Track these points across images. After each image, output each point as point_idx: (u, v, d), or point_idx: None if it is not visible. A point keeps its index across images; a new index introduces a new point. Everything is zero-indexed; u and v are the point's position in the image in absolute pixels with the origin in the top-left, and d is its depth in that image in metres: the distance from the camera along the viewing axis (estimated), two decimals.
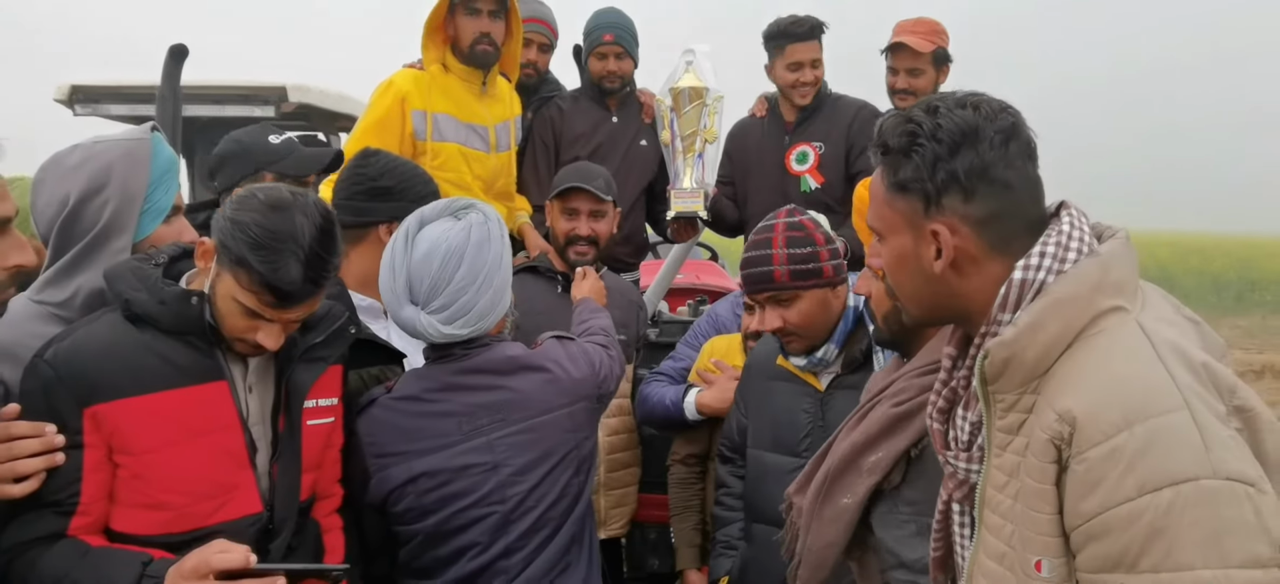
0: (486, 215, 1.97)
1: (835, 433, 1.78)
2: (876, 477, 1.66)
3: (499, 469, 1.95)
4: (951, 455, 1.32)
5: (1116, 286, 1.18)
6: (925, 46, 3.49)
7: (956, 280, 1.25)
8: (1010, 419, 1.20)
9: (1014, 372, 1.18)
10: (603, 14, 3.71)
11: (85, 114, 5.04)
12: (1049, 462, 1.12)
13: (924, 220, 1.24)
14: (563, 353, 2.08)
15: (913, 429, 1.62)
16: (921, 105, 1.26)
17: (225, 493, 1.65)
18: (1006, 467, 1.21)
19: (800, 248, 2.17)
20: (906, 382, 1.66)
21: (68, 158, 1.79)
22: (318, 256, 1.58)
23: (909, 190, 1.25)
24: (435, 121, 3.20)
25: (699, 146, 3.48)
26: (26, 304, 1.73)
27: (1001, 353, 1.17)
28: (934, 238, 1.24)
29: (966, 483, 1.31)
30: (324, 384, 1.81)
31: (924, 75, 3.53)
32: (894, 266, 1.32)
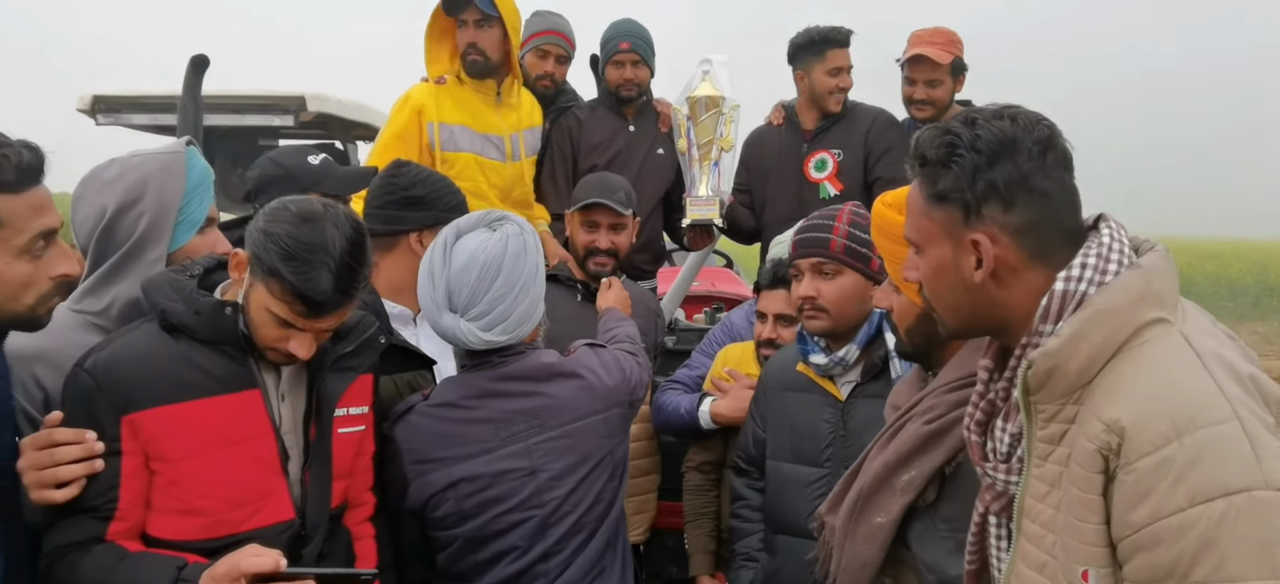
0: (521, 227, 2.02)
1: (866, 450, 1.77)
2: (910, 495, 1.66)
3: (537, 474, 1.98)
4: (990, 467, 1.33)
5: (1158, 298, 1.19)
6: (944, 57, 3.50)
7: (996, 290, 1.26)
8: (1051, 429, 1.21)
9: (1057, 382, 1.18)
10: (619, 24, 3.75)
11: (107, 123, 5.10)
12: (1096, 472, 1.13)
13: (964, 230, 1.25)
14: (596, 360, 2.12)
15: (946, 446, 1.61)
16: (958, 117, 1.27)
17: (259, 500, 1.68)
18: (1047, 477, 1.21)
19: (861, 231, 2.22)
20: (937, 398, 1.66)
21: (106, 171, 1.85)
22: (348, 267, 1.61)
23: (948, 201, 1.26)
24: (451, 132, 3.26)
25: (715, 155, 3.51)
26: (65, 312, 1.78)
27: (1045, 363, 1.18)
28: (974, 248, 1.25)
29: (1005, 495, 1.31)
30: (354, 393, 1.84)
31: (942, 86, 3.54)
32: (933, 278, 1.33)
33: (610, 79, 3.70)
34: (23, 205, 1.47)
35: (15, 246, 1.47)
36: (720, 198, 3.49)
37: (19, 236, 1.47)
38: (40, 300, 1.53)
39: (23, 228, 1.47)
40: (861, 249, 2.21)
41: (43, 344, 1.69)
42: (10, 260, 1.47)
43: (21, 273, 1.48)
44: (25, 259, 1.48)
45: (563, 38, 3.76)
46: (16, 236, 1.46)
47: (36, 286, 1.51)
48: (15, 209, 1.46)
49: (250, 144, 5.77)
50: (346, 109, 5.26)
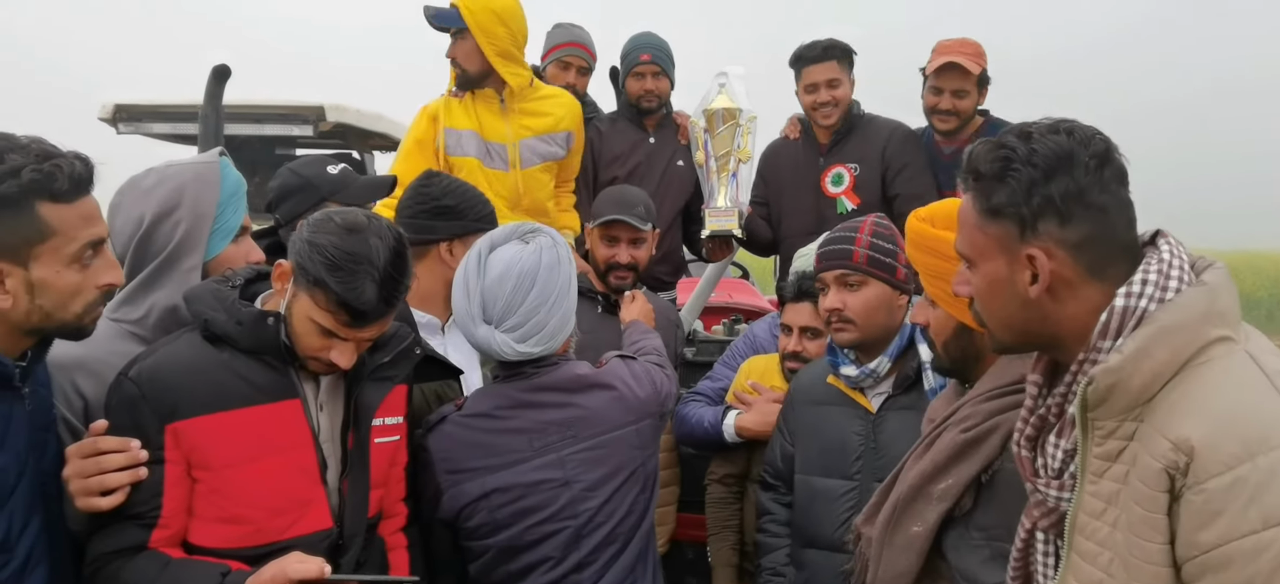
0: (554, 240, 2.03)
1: (902, 461, 1.78)
2: (947, 504, 1.66)
3: (570, 485, 1.99)
4: (1041, 483, 1.32)
5: (1223, 316, 1.18)
6: (975, 68, 3.44)
7: (1051, 305, 1.26)
8: (1109, 446, 1.20)
9: (1118, 398, 1.17)
10: (640, 36, 3.77)
11: (128, 132, 5.14)
12: (1161, 490, 1.12)
13: (1019, 245, 1.25)
14: (628, 372, 2.13)
15: (982, 454, 1.62)
16: (1012, 131, 1.27)
17: (299, 509, 1.69)
18: (1104, 494, 1.21)
19: (883, 242, 2.23)
20: (972, 408, 1.66)
21: (142, 181, 1.88)
22: (391, 277, 1.63)
23: (1003, 215, 1.25)
24: (458, 137, 3.31)
25: (733, 166, 3.51)
26: (103, 321, 1.78)
27: (1107, 379, 1.16)
28: (1030, 263, 1.24)
29: (1056, 511, 1.31)
30: (390, 403, 1.85)
31: (968, 97, 3.49)
32: (986, 293, 1.32)
33: (631, 91, 3.72)
34: (74, 215, 1.49)
35: (66, 255, 1.48)
36: (739, 209, 3.50)
37: (70, 246, 1.49)
38: (87, 309, 1.54)
39: (74, 236, 1.49)
40: (885, 259, 2.22)
41: (82, 353, 1.71)
42: (61, 269, 1.48)
43: (71, 282, 1.50)
44: (75, 268, 1.50)
45: (584, 49, 3.79)
46: (68, 246, 1.48)
47: (84, 295, 1.53)
48: (67, 218, 1.48)
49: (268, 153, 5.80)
50: (365, 119, 5.30)
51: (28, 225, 1.44)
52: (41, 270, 1.47)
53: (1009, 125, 1.35)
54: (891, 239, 2.26)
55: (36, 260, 1.46)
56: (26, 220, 1.44)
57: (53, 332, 1.55)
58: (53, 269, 1.48)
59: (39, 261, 1.46)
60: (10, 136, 1.47)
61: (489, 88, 3.32)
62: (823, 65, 3.54)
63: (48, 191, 1.45)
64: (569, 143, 3.52)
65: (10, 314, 1.47)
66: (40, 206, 1.45)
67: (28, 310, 1.48)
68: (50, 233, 1.46)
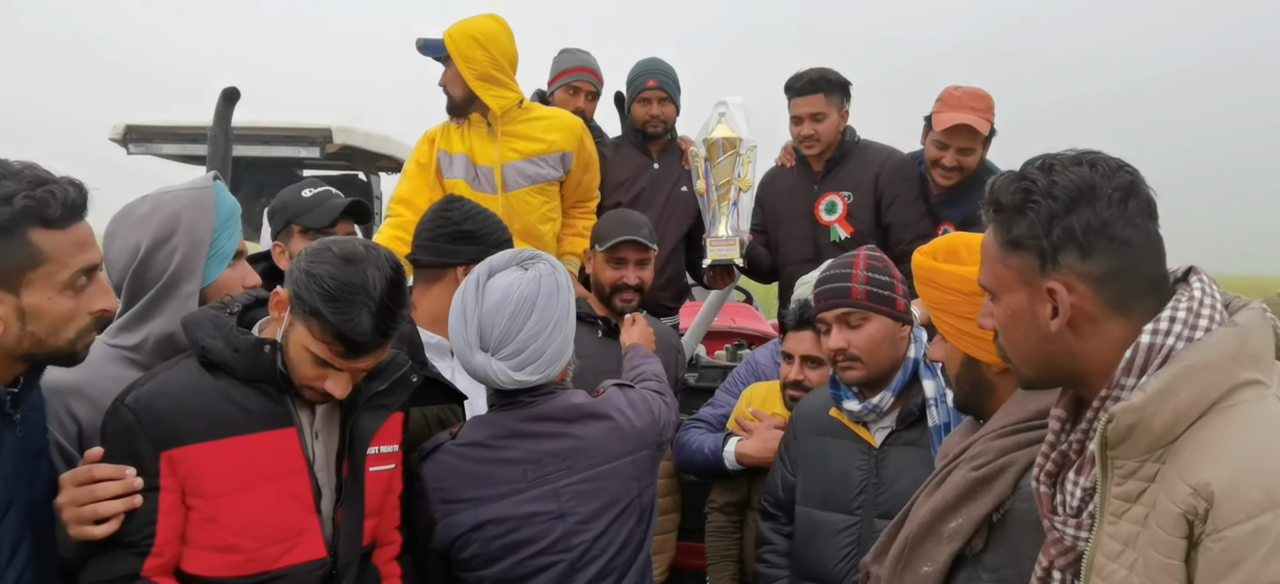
0: (553, 266, 2.02)
1: (913, 498, 1.74)
2: (957, 543, 1.61)
3: (565, 517, 1.97)
4: (1058, 521, 1.29)
5: (1254, 358, 1.15)
6: (984, 127, 3.35)
7: (1073, 340, 1.23)
8: (1129, 486, 1.17)
9: (1139, 438, 1.14)
10: (646, 62, 3.79)
11: (138, 153, 5.17)
12: (1179, 536, 1.09)
13: (1040, 278, 1.22)
14: (625, 401, 2.11)
15: (993, 493, 1.58)
16: (1034, 163, 1.25)
17: (293, 537, 1.69)
18: (1122, 535, 1.17)
19: (879, 275, 2.22)
20: (985, 444, 1.63)
21: (137, 208, 1.88)
22: (387, 309, 1.62)
23: (1024, 247, 1.23)
24: (451, 161, 3.36)
25: (734, 195, 3.52)
26: (100, 346, 1.80)
27: (1128, 418, 1.13)
28: (1050, 296, 1.22)
29: (1073, 550, 1.27)
30: (386, 431, 1.85)
31: (974, 155, 3.40)
32: (1007, 325, 1.30)
33: (636, 116, 3.74)
34: (67, 241, 1.49)
35: (59, 282, 1.49)
36: (740, 237, 3.51)
37: (63, 272, 1.49)
38: (80, 335, 1.54)
39: (67, 263, 1.49)
40: (884, 292, 2.21)
41: (77, 378, 1.71)
42: (53, 295, 1.48)
43: (64, 308, 1.50)
44: (68, 294, 1.50)
45: (592, 74, 3.82)
46: (61, 272, 1.48)
47: (77, 321, 1.53)
48: (60, 245, 1.48)
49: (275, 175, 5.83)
50: (372, 141, 5.32)
51: (20, 252, 1.44)
52: (33, 297, 1.47)
53: (999, 173, 1.34)
54: (886, 270, 2.26)
55: (28, 287, 1.46)
56: (18, 247, 1.44)
57: (45, 358, 1.55)
58: (45, 295, 1.48)
59: (31, 288, 1.46)
60: (3, 163, 1.47)
61: (476, 112, 3.34)
62: (808, 98, 3.53)
63: (40, 218, 1.45)
64: (566, 163, 3.49)
65: (1, 340, 1.47)
66: (32, 233, 1.45)
67: (19, 337, 1.47)
68: (43, 259, 1.46)
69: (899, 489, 2.14)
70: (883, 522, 2.14)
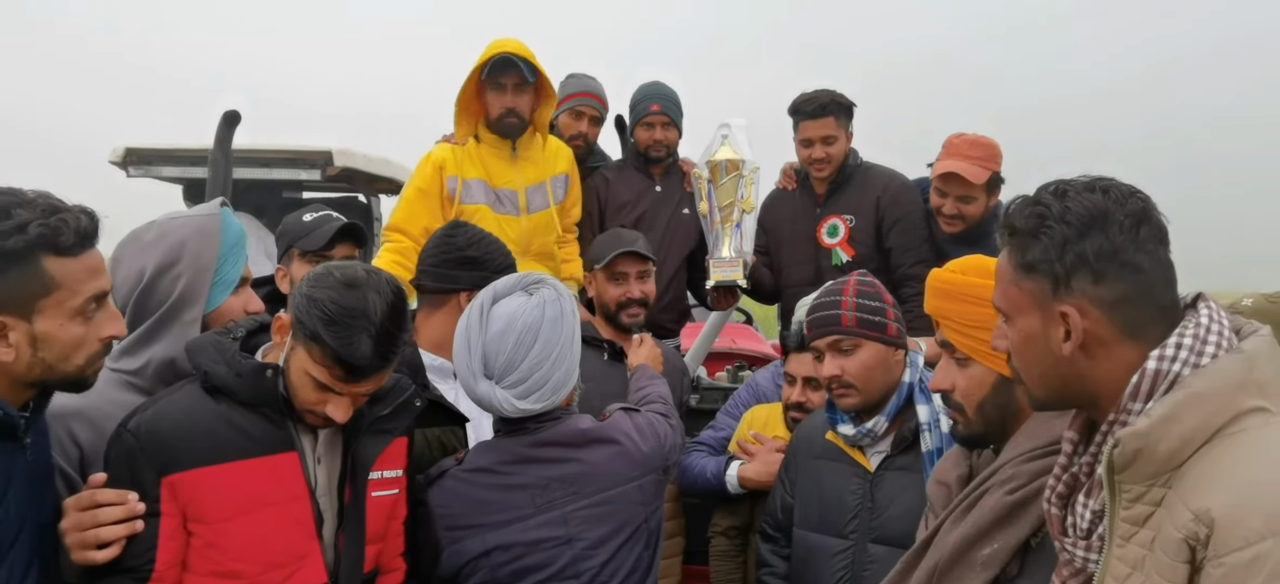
0: (558, 291, 2.01)
1: (938, 523, 1.68)
2: (992, 571, 1.55)
3: (573, 543, 1.95)
4: (1069, 543, 1.29)
5: (1260, 386, 1.15)
6: (979, 176, 3.27)
7: (1085, 363, 1.24)
8: (1136, 510, 1.17)
9: (1144, 464, 1.15)
10: (649, 86, 3.81)
11: (138, 175, 5.16)
12: (1181, 561, 1.09)
13: (1052, 302, 1.24)
14: (631, 425, 2.09)
15: (1031, 517, 1.53)
16: (1049, 188, 1.27)
17: (294, 562, 1.67)
18: (1129, 559, 1.18)
19: (870, 301, 2.22)
20: (1017, 467, 1.58)
21: (144, 234, 1.89)
22: (388, 333, 1.62)
23: (1037, 271, 1.25)
24: (467, 186, 3.35)
25: (737, 217, 3.54)
26: (104, 371, 1.78)
27: (1133, 443, 1.14)
28: (1063, 320, 1.23)
29: (1083, 572, 1.28)
30: (389, 456, 1.84)
31: (975, 202, 3.33)
32: (1021, 348, 1.31)
33: (640, 140, 3.75)
34: (79, 268, 1.50)
35: (70, 309, 1.50)
36: (743, 259, 3.51)
37: (74, 299, 1.50)
38: (89, 361, 1.55)
39: (78, 290, 1.50)
40: (874, 318, 2.20)
41: (80, 402, 1.71)
42: (64, 322, 1.50)
43: (74, 335, 1.51)
44: (78, 321, 1.51)
45: (597, 100, 3.85)
46: (72, 299, 1.50)
47: (87, 348, 1.54)
48: (72, 272, 1.49)
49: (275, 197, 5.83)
50: (372, 164, 5.32)
51: (33, 280, 1.46)
52: (45, 324, 1.48)
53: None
54: (877, 296, 2.24)
55: (40, 314, 1.47)
56: (32, 275, 1.45)
57: (55, 384, 1.55)
58: (56, 322, 1.49)
59: (42, 315, 1.47)
60: (17, 191, 1.49)
61: (497, 135, 3.36)
62: (819, 121, 3.53)
63: (53, 246, 1.46)
64: (567, 186, 3.56)
65: (12, 367, 1.48)
66: (46, 261, 1.46)
67: (30, 363, 1.48)
68: (55, 286, 1.48)
69: (893, 514, 2.13)
70: (876, 546, 2.15)
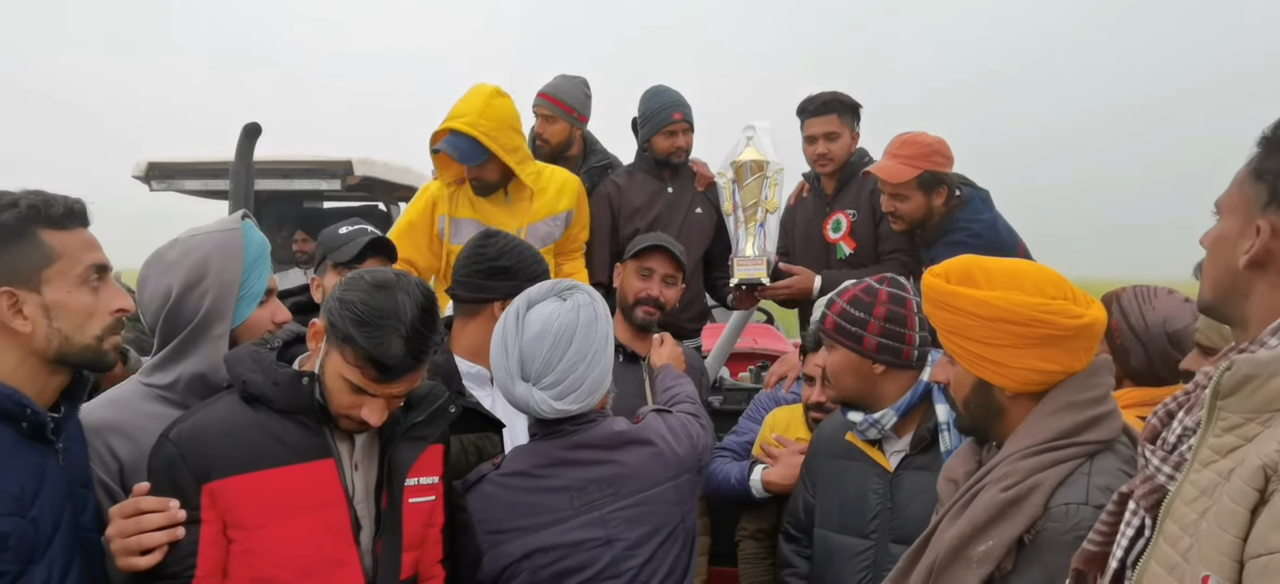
0: (591, 297, 2.02)
1: (934, 522, 1.72)
2: (988, 567, 1.57)
3: (613, 544, 1.96)
4: (1150, 450, 1.28)
5: None
6: (899, 174, 3.24)
7: (1254, 282, 1.23)
8: (1226, 440, 1.14)
9: (1251, 394, 1.11)
10: (665, 94, 3.79)
11: (161, 189, 5.23)
12: (1254, 488, 1.06)
13: (1259, 213, 1.22)
14: (665, 426, 2.10)
15: (1025, 514, 1.56)
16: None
17: (331, 568, 1.69)
18: (1202, 483, 1.15)
19: (855, 309, 2.18)
20: (1012, 465, 1.60)
21: (168, 253, 1.93)
22: (419, 333, 1.64)
23: (1262, 179, 1.23)
24: (456, 225, 3.37)
25: (760, 217, 3.56)
26: (137, 385, 1.87)
27: (1246, 368, 1.11)
28: (1255, 232, 1.21)
29: (1152, 482, 1.26)
30: (425, 462, 1.85)
31: (908, 201, 3.29)
32: (1213, 245, 1.30)
33: (660, 147, 3.75)
34: (74, 240, 1.59)
35: (74, 277, 1.58)
36: (767, 258, 3.53)
37: (76, 267, 1.58)
38: (104, 333, 1.62)
39: (78, 258, 1.59)
40: (850, 327, 2.18)
41: (115, 416, 1.77)
42: (71, 290, 1.58)
43: (83, 302, 1.59)
44: (85, 290, 1.59)
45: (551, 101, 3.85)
46: (73, 267, 1.58)
47: (99, 318, 1.61)
48: (69, 243, 1.58)
49: (296, 207, 5.87)
50: (392, 172, 5.36)
51: (33, 250, 1.54)
52: (54, 293, 1.56)
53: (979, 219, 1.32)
54: (867, 307, 2.19)
55: (47, 284, 1.55)
56: (31, 246, 1.54)
57: (73, 358, 1.60)
58: (64, 290, 1.57)
59: (50, 285, 1.56)
60: (5, 191, 1.58)
61: (484, 195, 3.37)
62: (822, 118, 3.60)
63: (45, 218, 1.55)
64: (568, 221, 3.55)
65: (32, 340, 1.55)
66: (41, 233, 1.55)
67: (47, 335, 1.56)
68: (55, 256, 1.56)
69: (913, 514, 2.12)
70: (898, 546, 2.12)
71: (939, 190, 3.27)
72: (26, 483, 1.51)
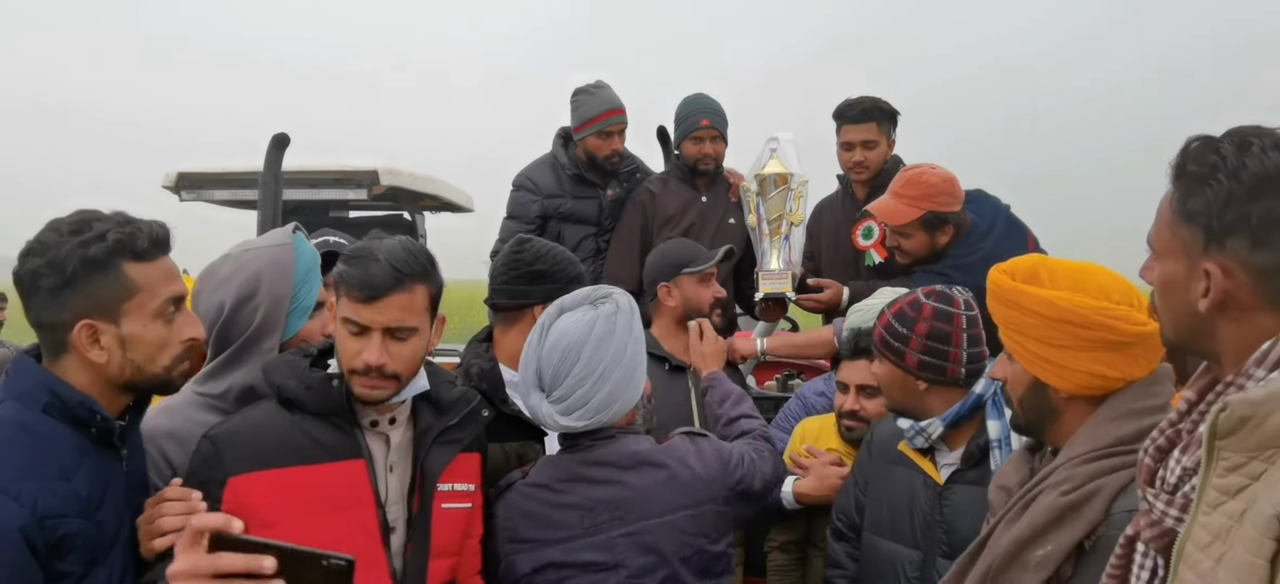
0: (619, 306, 1.97)
1: (991, 526, 1.69)
2: (1046, 572, 1.54)
3: (618, 569, 1.90)
4: (1152, 494, 1.27)
5: None
6: (901, 216, 3.15)
7: (1219, 322, 1.21)
8: (1231, 480, 1.12)
9: (1249, 434, 1.09)
10: (697, 100, 3.80)
11: (190, 200, 5.27)
12: (1270, 537, 1.04)
13: (1201, 255, 1.20)
14: (691, 450, 2.02)
15: (1085, 519, 1.53)
16: (1233, 136, 1.20)
17: (360, 566, 1.69)
18: (1213, 527, 1.13)
19: (899, 325, 2.19)
20: (1071, 469, 1.57)
21: (221, 268, 1.97)
22: (400, 256, 1.71)
23: (1193, 221, 1.20)
24: None
25: (785, 229, 3.55)
26: (190, 394, 1.93)
27: (1242, 410, 1.09)
28: (1205, 276, 1.20)
29: (1160, 526, 1.25)
30: (460, 469, 1.86)
31: (911, 240, 3.20)
32: (1161, 289, 1.29)
33: (689, 153, 3.76)
34: (156, 272, 1.62)
35: (150, 310, 1.61)
36: (792, 271, 3.52)
37: (154, 301, 1.61)
38: (174, 362, 1.65)
39: (157, 292, 1.61)
40: (893, 342, 2.20)
41: (170, 424, 1.84)
42: (148, 323, 1.60)
43: (158, 335, 1.62)
44: (160, 322, 1.62)
45: (623, 113, 3.86)
46: (152, 301, 1.61)
47: (170, 349, 1.64)
48: (150, 275, 1.60)
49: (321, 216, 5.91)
50: (418, 182, 5.38)
51: (116, 284, 1.56)
52: (131, 325, 1.58)
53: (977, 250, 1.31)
54: (910, 323, 2.17)
55: (126, 316, 1.58)
56: (115, 279, 1.56)
57: (143, 385, 1.64)
58: (140, 324, 1.59)
59: (128, 317, 1.58)
60: (94, 211, 1.60)
61: None
62: (861, 126, 3.56)
63: (131, 251, 1.57)
64: None
65: (106, 369, 1.58)
66: (125, 266, 1.57)
67: (121, 365, 1.59)
68: (136, 290, 1.58)
69: (963, 527, 2.10)
70: (946, 562, 2.10)
71: (944, 229, 3.17)
72: (94, 487, 1.55)
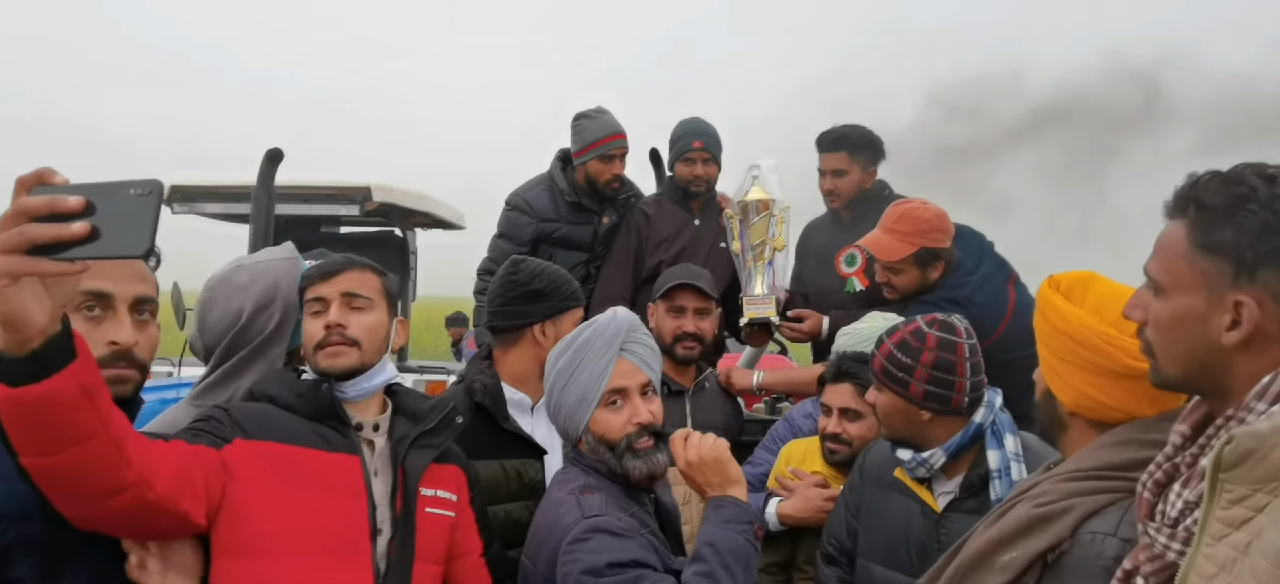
0: (592, 323, 2.01)
1: (973, 528, 1.71)
2: (1008, 576, 1.56)
3: None
4: (1153, 527, 1.26)
5: None
6: (893, 252, 3.15)
7: (1239, 356, 1.19)
8: (1234, 512, 1.11)
9: (1254, 467, 1.08)
10: (690, 123, 3.84)
11: (183, 213, 5.27)
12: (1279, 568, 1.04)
13: (1229, 288, 1.18)
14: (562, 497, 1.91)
15: (1052, 532, 1.54)
16: (1255, 168, 1.20)
17: (347, 552, 1.73)
18: (1218, 559, 1.12)
19: (902, 354, 2.16)
20: (1052, 484, 1.60)
21: (235, 277, 2.01)
22: (350, 249, 1.79)
23: (1221, 253, 1.18)
24: None
25: (768, 255, 3.58)
26: (187, 409, 1.93)
27: (1248, 443, 1.08)
28: (1235, 308, 1.17)
29: (1161, 560, 1.24)
30: (442, 478, 1.93)
31: (904, 274, 3.20)
32: (1169, 324, 1.26)
33: (681, 175, 3.79)
34: None
35: None
36: (776, 296, 3.55)
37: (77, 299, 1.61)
38: None
39: None
40: (896, 372, 2.16)
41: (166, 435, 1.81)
42: None
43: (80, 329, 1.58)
44: (77, 317, 1.58)
45: (624, 138, 3.86)
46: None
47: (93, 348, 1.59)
48: None
49: (313, 232, 5.91)
50: (409, 199, 5.40)
51: None
52: None
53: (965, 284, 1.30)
54: (914, 353, 2.15)
55: None
56: None
57: None
58: None
59: None
60: None
61: None
62: (832, 155, 3.64)
63: None
64: None
65: None
66: None
67: None
68: None
69: None
70: None
71: (935, 265, 3.17)
72: None
